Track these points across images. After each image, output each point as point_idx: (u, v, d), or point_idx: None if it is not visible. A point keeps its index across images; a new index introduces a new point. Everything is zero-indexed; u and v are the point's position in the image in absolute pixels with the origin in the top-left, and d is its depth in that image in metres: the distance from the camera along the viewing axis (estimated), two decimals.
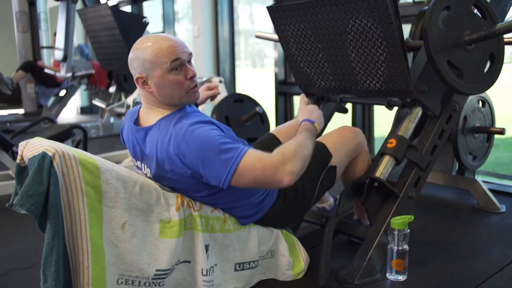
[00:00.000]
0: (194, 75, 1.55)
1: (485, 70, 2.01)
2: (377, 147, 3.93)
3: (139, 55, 1.51)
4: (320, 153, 1.87)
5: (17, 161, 1.37)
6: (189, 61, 1.56)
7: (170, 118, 1.53)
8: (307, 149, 1.54)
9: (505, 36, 2.01)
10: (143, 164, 1.62)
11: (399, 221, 1.73)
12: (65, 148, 1.37)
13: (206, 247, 1.58)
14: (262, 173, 1.43)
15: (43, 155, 1.31)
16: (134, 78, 1.55)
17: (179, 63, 1.50)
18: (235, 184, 1.46)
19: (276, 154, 1.47)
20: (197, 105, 1.86)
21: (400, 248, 1.75)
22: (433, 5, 1.83)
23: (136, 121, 1.62)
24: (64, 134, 3.28)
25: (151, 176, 1.59)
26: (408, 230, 1.75)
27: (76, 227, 1.36)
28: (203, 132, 1.46)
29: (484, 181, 2.75)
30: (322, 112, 1.81)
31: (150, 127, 1.54)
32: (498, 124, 2.78)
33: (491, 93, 2.46)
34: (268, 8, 2.23)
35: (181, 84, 1.53)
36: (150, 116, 1.57)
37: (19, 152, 1.38)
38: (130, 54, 1.55)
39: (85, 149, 3.31)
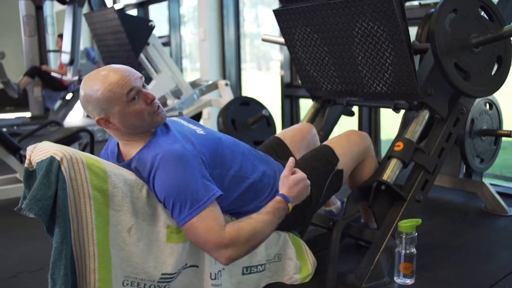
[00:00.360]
0: (153, 98, 1.49)
1: (493, 72, 2.00)
2: (383, 150, 3.92)
3: (92, 99, 1.44)
4: (327, 156, 1.87)
5: (25, 165, 1.38)
6: (144, 86, 1.50)
7: (144, 151, 1.48)
8: (264, 235, 1.49)
9: None
10: None
11: (407, 225, 1.73)
12: (73, 152, 1.38)
13: None
14: (203, 242, 1.42)
15: (51, 159, 1.32)
16: (95, 120, 1.47)
17: (135, 92, 1.45)
18: (187, 230, 1.43)
19: (226, 235, 1.41)
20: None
21: (407, 251, 1.74)
22: (440, 7, 1.83)
23: (119, 156, 1.57)
24: (71, 137, 3.30)
25: None
26: (416, 234, 1.74)
27: (83, 231, 1.36)
28: (173, 168, 1.41)
29: (491, 184, 2.74)
30: (307, 187, 1.62)
31: (129, 161, 1.50)
32: (506, 127, 2.77)
33: (499, 95, 2.45)
34: (275, 11, 2.24)
35: (143, 112, 1.47)
36: (129, 150, 1.53)
37: (27, 156, 1.39)
38: (81, 97, 1.47)
39: (92, 152, 3.32)
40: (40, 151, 1.37)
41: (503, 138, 2.75)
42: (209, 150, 1.55)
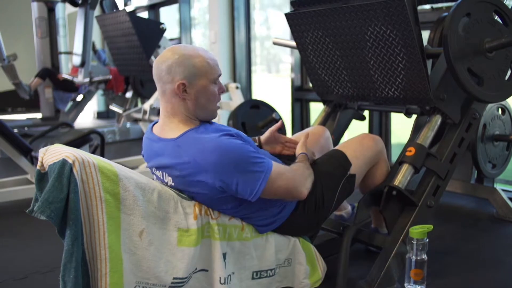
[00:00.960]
0: (224, 91, 1.65)
1: (506, 78, 1.98)
2: (394, 154, 3.90)
3: (187, 62, 1.53)
4: (340, 161, 1.86)
5: (37, 167, 1.39)
6: None
7: (197, 130, 1.55)
8: (312, 172, 1.73)
9: None
10: (164, 173, 1.62)
11: (418, 231, 1.71)
12: (85, 155, 1.38)
13: (224, 255, 1.58)
14: (292, 182, 1.60)
15: (63, 162, 1.32)
16: (173, 85, 1.53)
17: (219, 78, 1.60)
18: (264, 195, 1.54)
19: (296, 169, 1.66)
20: None
21: (418, 257, 1.73)
22: (453, 12, 1.82)
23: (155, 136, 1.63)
24: (82, 139, 3.31)
25: (172, 184, 1.60)
26: (427, 240, 1.73)
27: (94, 234, 1.36)
28: (234, 145, 1.50)
29: (503, 190, 2.72)
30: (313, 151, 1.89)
31: (175, 139, 1.54)
32: None
33: (511, 100, 2.43)
34: (286, 15, 2.23)
35: (215, 97, 1.60)
36: (173, 128, 1.57)
37: (39, 159, 1.39)
38: (172, 60, 1.53)
39: (102, 154, 3.34)
40: (52, 154, 1.37)
41: None
42: (253, 147, 1.64)
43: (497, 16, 1.95)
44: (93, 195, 1.36)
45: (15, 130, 3.63)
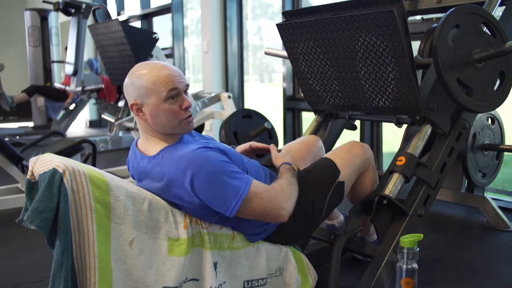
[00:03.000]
0: (189, 105, 1.54)
1: (495, 88, 2.00)
2: (385, 163, 3.92)
3: (136, 81, 1.51)
4: (329, 169, 1.87)
5: (28, 176, 1.38)
6: (185, 92, 1.56)
7: (175, 147, 1.54)
8: (296, 188, 1.66)
9: None
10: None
11: (408, 240, 1.71)
12: (75, 164, 1.38)
13: (215, 264, 1.57)
14: (269, 204, 1.54)
15: (54, 171, 1.32)
16: (129, 104, 1.54)
17: (175, 92, 1.51)
18: (242, 211, 1.50)
19: (278, 189, 1.58)
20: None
21: (409, 266, 1.73)
22: (442, 23, 1.83)
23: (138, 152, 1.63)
24: (73, 148, 3.30)
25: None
26: (418, 249, 1.73)
27: (84, 244, 1.36)
28: (210, 159, 1.48)
29: (493, 199, 2.73)
30: (293, 154, 1.84)
31: (154, 156, 1.54)
32: (508, 141, 2.77)
33: (501, 110, 2.45)
34: (278, 25, 2.25)
35: (176, 114, 1.52)
36: (152, 144, 1.57)
37: (30, 168, 1.39)
38: (126, 80, 1.54)
39: (94, 163, 3.33)
40: (42, 163, 1.37)
41: (505, 153, 2.74)
42: (235, 159, 1.62)
43: (485, 28, 1.97)
44: (83, 205, 1.35)
45: (6, 139, 3.61)
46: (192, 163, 1.46)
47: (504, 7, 2.25)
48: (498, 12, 2.19)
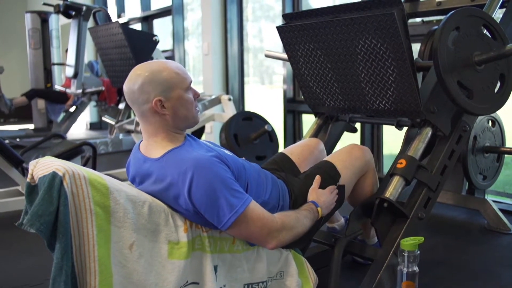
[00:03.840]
0: (199, 95, 1.61)
1: (495, 90, 2.00)
2: (385, 165, 3.92)
3: (158, 77, 1.49)
4: (329, 172, 1.86)
5: (28, 180, 1.38)
6: None
7: (181, 148, 1.53)
8: (303, 228, 1.63)
9: None
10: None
11: (409, 243, 1.71)
12: (75, 167, 1.38)
13: (215, 267, 1.57)
14: (259, 231, 1.51)
15: (53, 174, 1.32)
16: (151, 103, 1.49)
17: (191, 84, 1.57)
18: (233, 229, 1.48)
19: (277, 220, 1.55)
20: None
21: (410, 269, 1.72)
22: (442, 25, 1.83)
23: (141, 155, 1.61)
24: (74, 151, 3.30)
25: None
26: (418, 252, 1.73)
27: (84, 247, 1.35)
28: (216, 168, 1.47)
29: (494, 201, 2.73)
30: (333, 200, 1.80)
31: (158, 158, 1.52)
32: (508, 144, 2.77)
33: (501, 112, 2.45)
34: (278, 28, 2.25)
35: (193, 104, 1.57)
36: (157, 146, 1.55)
37: (29, 171, 1.39)
38: (142, 79, 1.49)
39: (94, 166, 3.33)
40: (42, 166, 1.37)
41: (506, 155, 2.74)
42: (236, 169, 1.60)
43: (485, 30, 1.97)
44: (83, 208, 1.35)
45: (7, 141, 3.61)
46: (195, 166, 1.45)
47: (504, 9, 2.25)
48: (498, 14, 2.19)
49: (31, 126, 6.78)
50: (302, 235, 1.66)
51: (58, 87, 6.25)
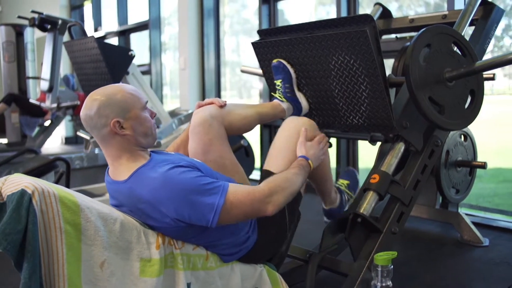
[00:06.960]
0: (155, 114, 1.65)
1: (466, 106, 2.03)
2: (362, 179, 3.93)
3: (112, 100, 1.50)
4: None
5: None
6: None
7: (146, 166, 1.53)
8: (295, 185, 1.66)
9: (484, 72, 2.04)
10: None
11: (383, 257, 1.72)
12: (45, 185, 1.35)
13: (188, 285, 1.55)
14: (250, 207, 1.53)
15: (22, 192, 1.29)
16: (109, 126, 1.50)
17: (146, 104, 1.61)
18: (223, 221, 1.50)
19: (263, 187, 1.57)
20: None
21: (383, 284, 1.73)
22: (414, 42, 1.87)
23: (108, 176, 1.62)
24: (47, 166, 3.24)
25: None
26: (392, 266, 1.73)
27: (53, 266, 1.33)
28: (182, 177, 1.48)
29: (467, 214, 2.76)
30: (322, 150, 1.91)
31: (125, 180, 1.52)
32: (480, 157, 2.81)
33: (473, 127, 2.49)
34: (253, 44, 2.26)
35: (150, 122, 1.60)
36: (123, 169, 1.55)
37: None
38: (99, 103, 1.50)
39: (67, 182, 3.27)
40: (11, 184, 1.34)
41: (478, 169, 2.78)
42: (205, 171, 1.61)
43: (456, 47, 2.01)
44: (53, 226, 1.32)
45: None
46: (163, 182, 1.46)
47: (473, 27, 2.30)
48: (469, 31, 2.24)
49: (4, 141, 6.66)
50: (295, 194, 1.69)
51: (33, 101, 6.15)
